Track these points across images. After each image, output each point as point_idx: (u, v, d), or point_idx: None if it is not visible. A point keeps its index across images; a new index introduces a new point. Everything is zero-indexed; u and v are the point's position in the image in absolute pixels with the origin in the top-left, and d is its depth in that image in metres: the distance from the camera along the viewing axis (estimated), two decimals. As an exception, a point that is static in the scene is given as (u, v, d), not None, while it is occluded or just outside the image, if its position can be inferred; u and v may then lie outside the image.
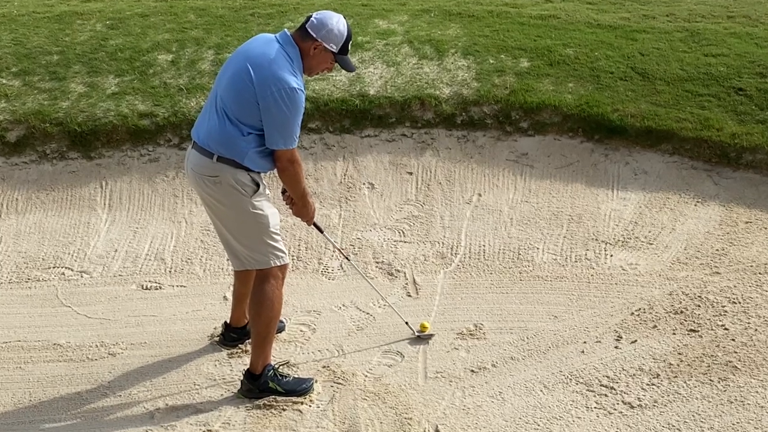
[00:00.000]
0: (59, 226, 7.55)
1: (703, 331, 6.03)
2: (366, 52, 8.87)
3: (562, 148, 7.97)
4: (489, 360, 5.97)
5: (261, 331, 5.58)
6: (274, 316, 5.56)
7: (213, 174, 5.35)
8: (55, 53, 9.02)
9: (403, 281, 6.81)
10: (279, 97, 5.14)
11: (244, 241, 5.50)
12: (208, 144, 5.34)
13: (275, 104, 5.15)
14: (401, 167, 7.96)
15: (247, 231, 5.46)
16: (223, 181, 5.34)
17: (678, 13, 9.68)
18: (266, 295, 5.50)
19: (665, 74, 8.43)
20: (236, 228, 5.48)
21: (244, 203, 5.39)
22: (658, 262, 6.83)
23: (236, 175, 5.33)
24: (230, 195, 5.37)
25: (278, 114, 5.18)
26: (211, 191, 5.40)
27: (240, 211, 5.41)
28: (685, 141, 7.74)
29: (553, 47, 8.87)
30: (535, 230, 7.27)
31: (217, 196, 5.40)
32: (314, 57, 5.31)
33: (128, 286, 6.89)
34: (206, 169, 5.36)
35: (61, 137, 8.10)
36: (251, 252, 5.50)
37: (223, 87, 5.31)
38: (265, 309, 5.51)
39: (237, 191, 5.36)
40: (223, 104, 5.28)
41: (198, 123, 5.49)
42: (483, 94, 8.26)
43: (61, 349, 6.23)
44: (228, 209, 5.42)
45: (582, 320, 6.29)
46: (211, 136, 5.33)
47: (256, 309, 5.54)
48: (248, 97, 5.20)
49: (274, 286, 5.52)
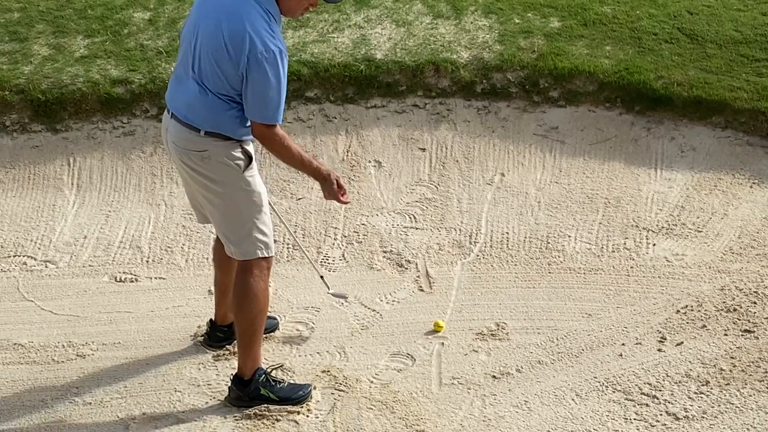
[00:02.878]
0: (20, 209, 7.56)
1: (759, 331, 6.03)
2: (372, 9, 8.85)
3: (597, 121, 7.95)
4: (513, 364, 5.97)
5: (246, 330, 5.59)
6: (259, 312, 5.57)
7: (201, 149, 5.35)
8: (16, 10, 9.00)
9: (415, 274, 6.81)
10: (257, 63, 5.13)
11: (231, 225, 5.50)
12: (189, 117, 5.34)
13: (254, 70, 5.15)
14: (412, 143, 7.95)
15: (237, 213, 5.47)
16: (213, 156, 5.34)
17: (732, -34, 9.63)
18: (249, 287, 5.52)
19: (717, 36, 8.40)
20: (225, 210, 5.48)
21: (236, 180, 5.40)
22: (708, 253, 6.82)
23: (227, 149, 5.34)
24: (221, 171, 5.37)
25: (256, 82, 5.18)
26: (199, 167, 5.40)
27: (232, 188, 5.42)
28: (739, 113, 7.72)
29: (587, 4, 8.83)
30: (567, 215, 7.26)
31: (206, 173, 5.41)
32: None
33: (99, 278, 6.90)
34: (192, 143, 5.36)
35: (22, 107, 8.10)
36: (238, 238, 5.50)
37: (198, 54, 5.28)
38: (249, 303, 5.52)
39: (228, 167, 5.36)
40: (201, 74, 5.27)
41: (172, 90, 5.47)
42: (507, 58, 8.23)
43: (22, 349, 6.24)
44: (218, 187, 5.43)
45: (620, 319, 6.29)
46: (192, 108, 5.33)
47: (238, 304, 5.56)
48: (228, 68, 5.20)
49: (258, 278, 5.53)
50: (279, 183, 7.56)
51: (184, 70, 5.38)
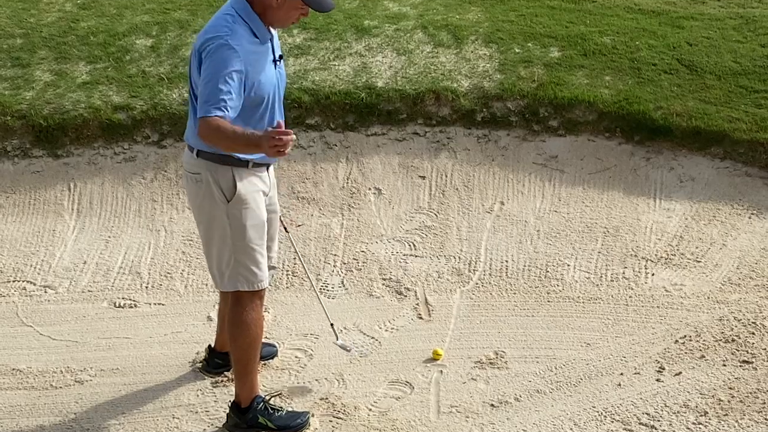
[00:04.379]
0: (20, 234, 7.56)
1: (757, 362, 6.01)
2: (374, 38, 8.89)
3: (597, 151, 7.97)
4: (511, 393, 5.96)
5: (239, 359, 5.60)
6: (252, 341, 5.57)
7: (195, 171, 5.38)
8: (19, 36, 9.05)
9: (414, 301, 6.82)
10: (204, 53, 5.09)
11: (209, 255, 5.52)
12: (188, 137, 5.43)
13: (203, 64, 5.09)
14: (412, 170, 7.96)
15: (218, 244, 5.44)
16: (203, 180, 5.35)
17: (731, -3, 9.69)
18: (240, 317, 5.52)
19: (716, 67, 8.43)
20: (206, 239, 5.50)
21: (218, 211, 5.36)
22: (707, 283, 6.82)
23: (217, 174, 5.32)
24: (207, 198, 5.37)
25: (203, 73, 5.07)
26: (192, 190, 5.45)
27: (214, 219, 5.39)
28: (738, 144, 7.74)
29: (587, 35, 8.88)
30: (566, 244, 7.27)
31: (195, 198, 5.44)
32: (281, 6, 5.21)
33: (99, 304, 6.90)
34: (190, 165, 5.42)
35: (24, 132, 8.12)
36: (218, 270, 5.50)
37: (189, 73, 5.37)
38: (241, 333, 5.53)
39: (213, 195, 5.35)
40: (192, 92, 5.33)
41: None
42: (507, 87, 8.27)
43: (21, 375, 6.23)
44: (202, 214, 5.44)
45: (619, 348, 6.28)
46: (190, 128, 5.42)
47: (231, 333, 5.58)
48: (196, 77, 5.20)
49: (249, 308, 5.54)
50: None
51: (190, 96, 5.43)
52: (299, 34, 8.92)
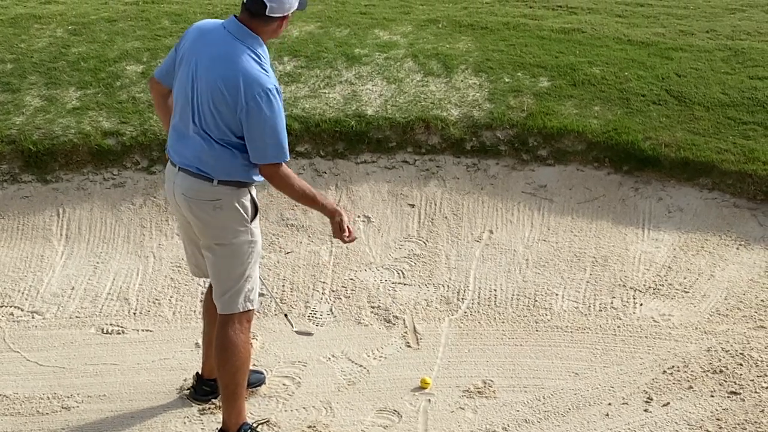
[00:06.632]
0: (8, 260, 7.55)
1: (745, 393, 6.02)
2: (364, 66, 8.93)
3: (585, 180, 8.01)
4: (499, 422, 5.96)
5: (228, 383, 5.60)
6: (241, 364, 5.58)
7: (214, 198, 5.41)
8: (9, 61, 9.07)
9: (402, 329, 6.82)
10: (255, 104, 5.23)
11: (229, 275, 5.54)
12: (202, 168, 5.40)
13: (253, 113, 5.24)
14: (402, 198, 7.99)
15: (239, 263, 5.51)
16: (225, 205, 5.40)
17: (720, 30, 9.76)
18: (230, 340, 5.54)
19: (704, 98, 8.49)
20: (229, 260, 5.52)
21: (244, 230, 5.47)
22: (695, 314, 6.84)
23: (239, 196, 5.43)
24: (232, 220, 5.45)
25: (257, 123, 5.26)
26: (210, 216, 5.45)
27: (240, 238, 5.48)
28: (726, 175, 7.78)
29: (576, 65, 8.93)
30: (554, 274, 7.29)
31: (217, 222, 5.46)
32: (282, 27, 5.42)
33: (86, 330, 6.88)
34: (204, 193, 5.41)
35: (13, 157, 8.13)
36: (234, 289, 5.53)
37: (198, 107, 5.34)
38: (231, 356, 5.54)
39: (238, 216, 5.45)
40: (204, 125, 5.32)
41: (175, 144, 5.49)
42: (496, 116, 8.31)
43: (7, 401, 6.21)
44: (227, 235, 5.48)
45: (607, 378, 6.29)
46: (203, 161, 5.39)
47: (219, 357, 5.58)
48: (227, 115, 5.28)
49: (239, 330, 5.57)
50: (268, 237, 7.58)
51: (184, 124, 5.43)
52: (290, 62, 8.97)
